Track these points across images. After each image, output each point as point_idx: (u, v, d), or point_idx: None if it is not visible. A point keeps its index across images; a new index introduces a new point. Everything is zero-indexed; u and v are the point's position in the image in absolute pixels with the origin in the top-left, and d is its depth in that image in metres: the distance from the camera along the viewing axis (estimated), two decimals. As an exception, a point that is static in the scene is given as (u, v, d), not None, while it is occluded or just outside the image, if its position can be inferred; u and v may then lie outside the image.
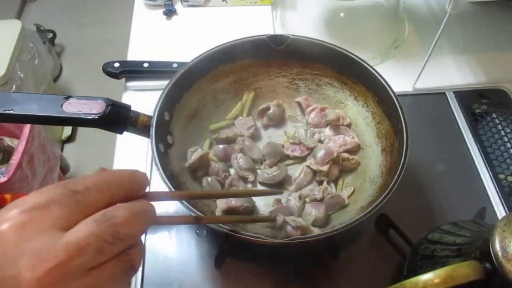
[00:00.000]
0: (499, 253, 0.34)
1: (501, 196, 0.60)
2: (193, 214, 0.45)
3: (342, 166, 0.60)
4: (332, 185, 0.59)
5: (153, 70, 0.73)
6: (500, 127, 0.68)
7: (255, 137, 0.64)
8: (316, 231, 0.53)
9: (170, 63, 0.72)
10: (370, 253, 0.57)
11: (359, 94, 0.63)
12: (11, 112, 0.46)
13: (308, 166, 0.59)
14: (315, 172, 0.59)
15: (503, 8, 0.85)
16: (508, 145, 0.66)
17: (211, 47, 0.60)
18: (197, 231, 0.57)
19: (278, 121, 0.66)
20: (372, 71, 0.59)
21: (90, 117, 0.47)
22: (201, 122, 0.63)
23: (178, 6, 0.87)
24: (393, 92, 0.56)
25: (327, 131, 0.64)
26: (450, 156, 0.66)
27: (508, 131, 0.67)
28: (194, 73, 0.60)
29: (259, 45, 0.62)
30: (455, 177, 0.63)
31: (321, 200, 0.56)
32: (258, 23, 0.83)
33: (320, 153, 0.59)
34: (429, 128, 0.69)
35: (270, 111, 0.64)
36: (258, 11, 0.86)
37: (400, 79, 0.72)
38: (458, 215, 0.54)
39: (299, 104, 0.66)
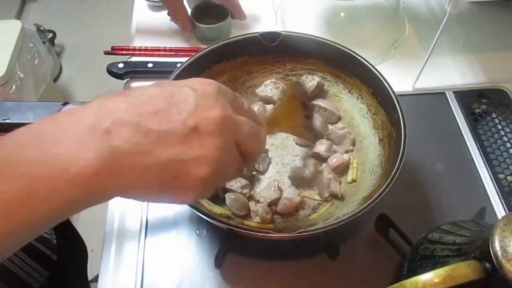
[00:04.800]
0: (499, 253, 0.34)
1: (500, 196, 0.60)
2: None
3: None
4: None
5: (158, 71, 0.73)
6: (499, 127, 0.68)
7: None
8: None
9: (175, 63, 0.72)
10: (370, 253, 0.57)
11: (353, 87, 0.63)
12: (8, 121, 0.46)
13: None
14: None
15: (503, 8, 0.85)
16: (508, 145, 0.66)
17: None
18: (197, 231, 0.58)
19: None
20: (365, 62, 0.59)
21: None
22: None
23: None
24: (388, 83, 0.57)
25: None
26: (450, 156, 0.66)
27: (508, 131, 0.67)
28: (188, 74, 0.59)
29: (252, 43, 0.63)
30: (454, 176, 0.63)
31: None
32: (261, 24, 0.83)
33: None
34: (429, 128, 0.69)
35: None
36: (261, 13, 0.86)
37: (400, 79, 0.72)
38: (458, 215, 0.54)
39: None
